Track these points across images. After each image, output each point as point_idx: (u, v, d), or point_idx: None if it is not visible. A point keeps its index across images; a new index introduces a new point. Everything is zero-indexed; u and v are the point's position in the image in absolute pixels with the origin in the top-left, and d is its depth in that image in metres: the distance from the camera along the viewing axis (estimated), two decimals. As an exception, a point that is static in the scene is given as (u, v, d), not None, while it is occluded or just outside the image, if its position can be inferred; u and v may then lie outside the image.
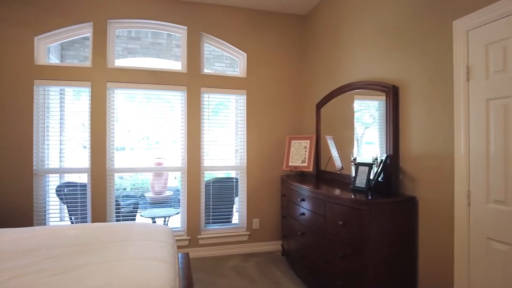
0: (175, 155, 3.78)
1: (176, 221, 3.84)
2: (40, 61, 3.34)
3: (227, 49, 3.88)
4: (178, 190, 4.69)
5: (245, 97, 3.83)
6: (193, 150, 3.66)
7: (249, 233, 3.80)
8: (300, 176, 3.49)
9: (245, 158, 3.83)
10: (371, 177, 2.42)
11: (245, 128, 3.83)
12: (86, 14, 3.37)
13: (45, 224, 3.38)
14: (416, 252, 2.18)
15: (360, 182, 2.47)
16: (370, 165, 2.45)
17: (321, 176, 3.43)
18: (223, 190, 3.89)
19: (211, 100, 3.79)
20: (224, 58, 5.29)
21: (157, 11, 3.55)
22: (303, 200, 2.86)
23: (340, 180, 3.03)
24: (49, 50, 3.58)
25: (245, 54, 3.82)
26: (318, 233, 2.59)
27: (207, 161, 3.75)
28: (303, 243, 2.90)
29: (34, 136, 3.26)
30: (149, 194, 4.38)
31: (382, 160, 2.36)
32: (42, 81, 3.29)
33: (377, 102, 2.68)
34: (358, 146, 2.89)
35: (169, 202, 4.39)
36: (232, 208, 3.97)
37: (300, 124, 3.98)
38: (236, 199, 3.96)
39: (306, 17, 3.98)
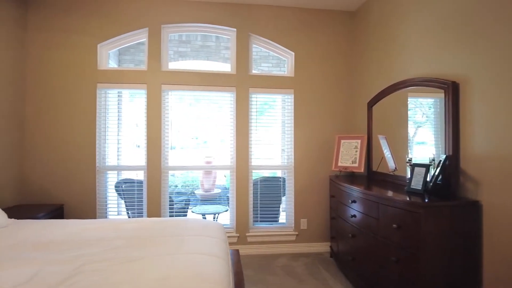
0: (222, 154, 3.89)
1: (225, 218, 3.95)
2: (102, 66, 3.62)
3: (275, 49, 3.90)
4: (226, 188, 4.81)
5: (292, 96, 3.82)
6: (241, 149, 3.73)
7: (297, 233, 3.79)
8: (350, 176, 3.40)
9: (293, 157, 3.82)
10: (428, 178, 2.30)
11: (293, 128, 3.82)
12: (142, 21, 3.59)
13: (106, 217, 3.66)
14: (480, 261, 2.02)
15: (416, 184, 2.35)
16: (427, 166, 2.33)
17: (372, 177, 3.32)
18: (270, 189, 3.92)
19: (258, 100, 3.84)
20: (270, 58, 5.32)
21: (207, 14, 3.66)
22: (354, 201, 2.79)
23: (393, 181, 2.90)
24: (109, 55, 3.86)
25: (293, 53, 3.81)
26: (370, 235, 2.51)
27: (255, 160, 3.81)
28: (354, 246, 2.83)
29: (97, 136, 3.54)
30: (198, 192, 4.55)
31: (440, 161, 2.22)
32: (104, 85, 3.56)
33: (431, 100, 2.53)
34: (409, 146, 2.75)
35: (217, 199, 4.53)
36: (279, 207, 3.99)
37: (350, 123, 3.88)
38: (283, 199, 3.97)
39: (355, 13, 3.87)
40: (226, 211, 3.96)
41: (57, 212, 3.27)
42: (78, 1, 3.49)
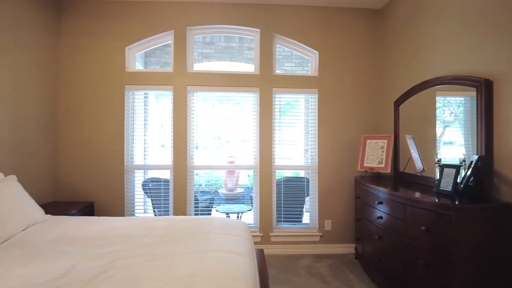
0: (245, 154, 3.92)
1: (248, 217, 3.98)
2: (130, 68, 3.73)
3: (299, 48, 3.88)
4: (249, 188, 4.84)
5: (316, 96, 3.80)
6: (265, 149, 3.74)
7: (321, 234, 3.76)
8: (376, 177, 3.34)
9: (316, 158, 3.79)
10: (459, 180, 2.22)
11: (316, 128, 3.79)
12: (168, 23, 3.67)
13: (133, 214, 3.78)
14: (516, 267, 1.94)
15: (446, 185, 2.28)
16: (457, 167, 2.25)
17: (399, 178, 3.25)
18: (293, 189, 3.91)
19: (281, 100, 3.84)
20: (293, 57, 5.31)
21: (231, 16, 3.70)
22: (380, 202, 2.74)
23: (421, 182, 2.83)
24: (136, 58, 3.98)
25: (317, 53, 3.79)
26: (397, 237, 2.46)
27: (278, 160, 3.81)
28: (380, 247, 2.78)
29: (125, 136, 3.66)
30: (222, 191, 4.61)
31: (472, 161, 2.15)
32: (131, 86, 3.68)
33: (461, 99, 2.45)
34: (436, 146, 2.68)
35: (240, 198, 4.57)
36: (303, 207, 3.97)
37: (376, 122, 3.81)
38: (307, 199, 3.95)
39: (381, 11, 3.79)
40: (249, 210, 3.99)
41: (88, 209, 3.41)
42: (108, 6, 3.62)
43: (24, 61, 3.03)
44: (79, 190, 3.59)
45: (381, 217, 2.73)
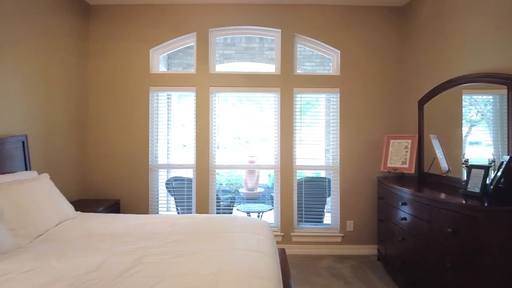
0: (264, 154, 3.94)
1: (269, 217, 3.99)
2: (154, 70, 3.83)
3: (320, 47, 3.86)
4: (269, 187, 4.85)
5: (338, 95, 3.77)
6: (285, 149, 3.75)
7: (342, 234, 3.73)
8: (400, 178, 3.28)
9: (338, 158, 3.76)
10: (488, 181, 2.16)
11: (338, 127, 3.76)
12: (191, 26, 3.74)
13: (157, 212, 3.87)
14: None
15: (473, 186, 2.22)
16: (486, 168, 2.19)
17: (424, 178, 3.18)
18: (314, 189, 3.90)
19: (302, 99, 3.83)
20: (314, 57, 5.28)
21: (253, 17, 3.73)
22: (404, 203, 2.70)
23: (446, 183, 2.76)
24: (159, 60, 4.08)
25: (339, 52, 3.76)
26: (422, 239, 2.41)
27: (299, 160, 3.81)
28: (403, 249, 2.73)
29: (150, 136, 3.75)
30: (242, 190, 4.65)
31: (502, 162, 2.08)
32: (155, 87, 3.77)
33: (489, 97, 2.39)
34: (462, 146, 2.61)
35: (260, 198, 4.59)
36: (324, 208, 3.95)
37: (399, 122, 3.74)
38: (328, 200, 3.93)
39: (403, 9, 3.72)
40: (270, 210, 4.00)
41: (114, 207, 3.52)
42: (132, 10, 3.72)
43: (55, 65, 3.17)
44: (105, 188, 3.72)
45: (405, 218, 2.68)
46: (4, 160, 2.45)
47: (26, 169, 2.68)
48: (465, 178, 2.33)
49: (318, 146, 3.92)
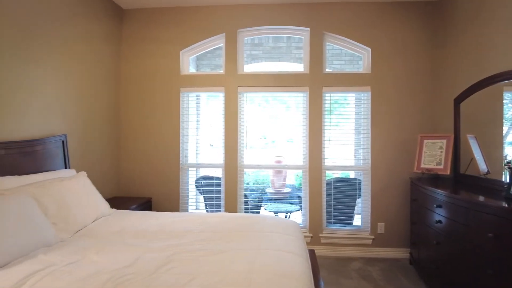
0: (291, 153, 3.91)
1: (297, 217, 3.96)
2: (184, 71, 3.91)
3: (350, 45, 3.79)
4: (296, 188, 4.83)
5: (369, 94, 3.68)
6: (314, 149, 3.71)
7: (373, 237, 3.64)
8: (434, 179, 3.16)
9: (369, 158, 3.67)
10: (533, 184, 2.04)
11: (369, 127, 3.67)
12: (220, 27, 3.79)
13: (186, 210, 3.96)
14: None
15: (517, 189, 2.10)
16: (531, 170, 2.07)
17: (460, 180, 3.04)
18: (344, 190, 3.83)
19: (330, 98, 3.77)
20: (343, 55, 5.18)
21: (281, 16, 3.72)
22: (439, 206, 2.59)
23: (485, 185, 2.63)
24: (189, 61, 4.15)
25: (369, 49, 3.67)
26: (459, 244, 2.31)
27: (328, 161, 3.75)
28: (439, 253, 2.62)
29: (180, 136, 3.84)
30: (269, 190, 4.65)
31: (549, 164, 1.96)
32: (186, 88, 3.85)
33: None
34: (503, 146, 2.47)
35: (287, 198, 4.57)
36: (354, 209, 3.87)
37: (433, 121, 3.59)
38: (358, 201, 3.85)
39: (437, 3, 3.56)
40: (298, 210, 3.98)
41: (146, 204, 3.63)
42: (163, 12, 3.82)
43: (91, 68, 3.32)
44: (138, 186, 3.85)
45: (440, 221, 2.58)
46: (46, 159, 2.59)
47: (66, 167, 2.82)
48: (508, 180, 2.21)
49: (347, 146, 3.85)
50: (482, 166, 2.76)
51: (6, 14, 2.27)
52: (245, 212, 3.90)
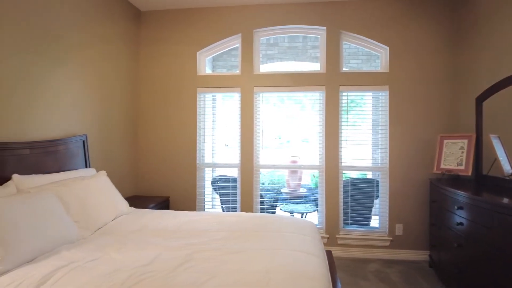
0: (306, 153, 3.88)
1: (312, 218, 3.94)
2: (201, 72, 3.95)
3: (367, 44, 3.74)
4: (311, 188, 4.80)
5: (387, 93, 3.62)
6: (331, 149, 3.67)
7: (391, 238, 3.58)
8: (455, 180, 3.08)
9: (387, 158, 3.61)
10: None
11: (387, 126, 3.61)
12: (236, 27, 3.81)
13: (203, 209, 3.99)
14: None
15: (544, 191, 2.03)
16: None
17: (482, 181, 2.95)
18: (361, 191, 3.77)
19: (347, 98, 3.73)
20: (360, 54, 5.13)
21: (297, 16, 3.70)
22: (460, 208, 2.53)
23: (509, 187, 2.55)
24: (205, 62, 4.19)
25: (387, 48, 3.61)
26: (482, 247, 2.24)
27: (344, 161, 3.71)
28: (460, 256, 2.56)
29: (197, 136, 3.88)
30: (284, 190, 4.64)
31: None
32: (202, 89, 3.89)
33: None
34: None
35: (303, 198, 4.55)
36: (371, 210, 3.82)
37: (454, 121, 3.50)
38: (375, 202, 3.79)
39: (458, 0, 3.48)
40: (314, 211, 3.95)
41: (164, 203, 3.68)
42: (179, 14, 3.87)
43: (110, 69, 3.39)
44: (156, 185, 3.91)
45: (461, 224, 2.51)
46: (68, 158, 2.67)
47: (86, 167, 2.89)
48: (534, 182, 2.14)
49: (363, 146, 3.80)
50: (506, 167, 2.67)
51: (33, 18, 2.35)
52: (261, 212, 3.91)
